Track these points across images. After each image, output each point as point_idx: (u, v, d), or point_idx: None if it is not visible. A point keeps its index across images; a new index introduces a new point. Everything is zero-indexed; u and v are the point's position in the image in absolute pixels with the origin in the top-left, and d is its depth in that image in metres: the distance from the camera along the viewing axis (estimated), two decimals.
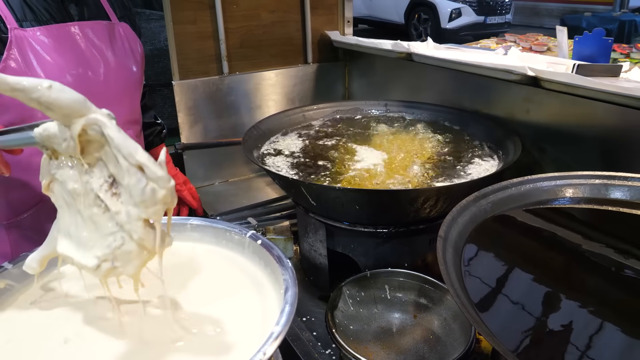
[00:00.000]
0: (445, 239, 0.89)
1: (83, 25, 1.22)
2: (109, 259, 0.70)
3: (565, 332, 0.75)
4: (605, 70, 1.42)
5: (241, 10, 2.03)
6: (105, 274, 0.71)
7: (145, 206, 0.65)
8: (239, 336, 0.75)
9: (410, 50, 1.85)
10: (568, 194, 1.09)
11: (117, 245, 0.69)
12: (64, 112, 0.65)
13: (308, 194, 1.24)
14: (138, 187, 0.64)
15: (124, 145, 0.65)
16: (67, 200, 0.73)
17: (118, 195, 0.69)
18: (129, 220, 0.67)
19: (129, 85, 1.34)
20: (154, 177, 0.64)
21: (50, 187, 0.74)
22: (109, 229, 0.70)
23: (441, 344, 1.12)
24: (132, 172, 0.65)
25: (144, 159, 0.64)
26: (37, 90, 0.63)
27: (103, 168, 0.69)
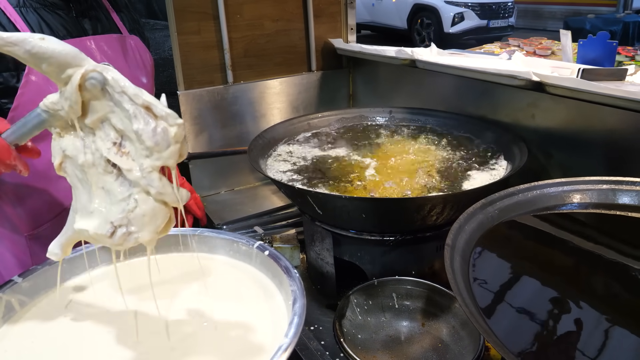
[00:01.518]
0: (453, 247, 0.89)
1: (98, 39, 1.25)
2: (124, 224, 0.69)
3: (575, 339, 0.74)
4: (611, 74, 1.42)
5: (245, 19, 2.04)
6: (121, 242, 0.70)
7: (159, 150, 0.65)
8: (249, 347, 0.75)
9: (414, 56, 1.85)
10: (575, 199, 1.08)
11: (130, 208, 0.68)
12: (59, 62, 0.64)
13: (314, 202, 1.24)
14: (148, 129, 0.64)
15: (130, 86, 0.65)
16: (80, 176, 0.73)
17: (128, 154, 0.68)
18: (143, 174, 0.66)
19: None
20: (163, 113, 0.64)
21: (62, 167, 0.74)
22: (122, 194, 0.69)
23: (450, 352, 1.11)
24: (140, 114, 0.64)
25: (150, 98, 0.64)
26: (29, 42, 0.63)
27: (108, 129, 0.68)
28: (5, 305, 0.84)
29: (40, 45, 0.63)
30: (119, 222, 0.69)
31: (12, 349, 0.77)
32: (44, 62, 0.64)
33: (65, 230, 0.79)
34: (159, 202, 0.68)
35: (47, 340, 0.80)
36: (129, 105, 0.64)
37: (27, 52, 0.63)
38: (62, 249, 0.80)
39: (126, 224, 0.69)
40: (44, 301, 0.88)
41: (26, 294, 0.87)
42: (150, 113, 0.64)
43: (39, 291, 0.89)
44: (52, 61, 0.64)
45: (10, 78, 1.10)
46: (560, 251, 1.00)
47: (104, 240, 0.71)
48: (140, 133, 0.64)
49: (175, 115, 0.65)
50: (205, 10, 1.94)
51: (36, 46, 0.63)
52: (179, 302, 0.86)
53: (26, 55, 0.64)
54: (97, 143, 0.69)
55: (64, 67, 0.64)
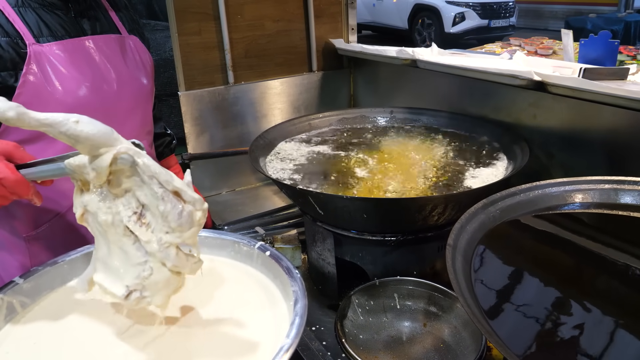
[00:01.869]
0: (455, 247, 0.89)
1: (96, 39, 1.25)
2: (138, 289, 0.72)
3: (577, 339, 0.74)
4: (612, 73, 1.41)
5: (245, 20, 2.04)
6: (135, 304, 0.73)
7: (182, 230, 0.68)
8: (250, 348, 0.75)
9: (415, 56, 1.85)
10: (577, 199, 1.08)
11: (145, 275, 0.71)
12: (92, 144, 0.66)
13: (315, 203, 1.24)
14: (174, 212, 0.67)
15: (161, 173, 0.68)
16: (100, 230, 0.76)
17: (148, 225, 0.71)
18: (160, 248, 0.69)
19: (141, 96, 1.36)
20: (191, 200, 0.68)
21: (84, 217, 0.77)
22: (138, 258, 0.72)
23: (452, 352, 1.11)
24: (168, 198, 0.67)
25: (180, 184, 0.68)
26: (64, 125, 0.64)
27: (131, 199, 0.71)
28: (7, 306, 0.84)
29: (75, 128, 0.65)
30: (134, 287, 0.72)
31: (14, 350, 0.77)
32: (79, 144, 0.66)
33: (89, 270, 0.82)
34: (174, 273, 0.71)
35: (49, 341, 0.80)
36: (158, 189, 0.67)
37: (62, 133, 0.65)
38: (88, 284, 0.83)
39: (140, 289, 0.72)
40: (45, 302, 0.88)
41: (27, 295, 0.87)
42: (178, 197, 0.68)
43: (40, 292, 0.89)
44: (86, 143, 0.66)
45: (8, 77, 1.10)
46: (562, 251, 1.00)
47: (118, 300, 0.74)
48: (166, 214, 0.68)
49: (201, 201, 0.69)
50: (206, 11, 1.94)
51: (71, 129, 0.65)
52: (179, 303, 0.86)
53: (61, 135, 0.65)
54: (119, 208, 0.72)
55: (97, 147, 0.67)
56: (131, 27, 1.40)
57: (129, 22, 1.40)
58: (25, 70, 1.11)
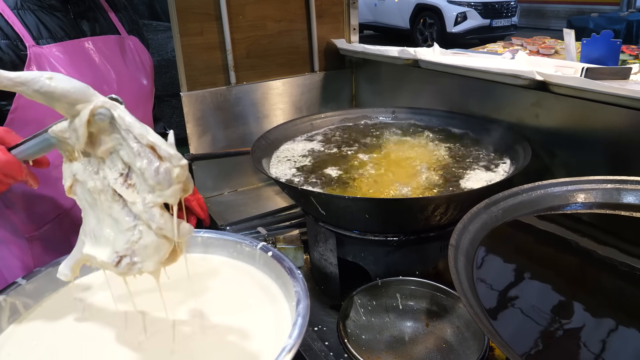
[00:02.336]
0: (457, 247, 0.88)
1: (96, 40, 1.25)
2: (128, 254, 0.70)
3: (580, 339, 0.74)
4: (615, 72, 1.41)
5: (247, 20, 2.04)
6: (125, 271, 0.70)
7: (161, 188, 0.65)
8: (253, 348, 0.75)
9: (416, 56, 1.85)
10: (580, 199, 1.08)
11: (134, 239, 0.69)
12: (68, 100, 0.65)
13: (317, 203, 1.24)
14: (151, 168, 0.64)
15: (136, 126, 0.65)
16: (89, 200, 0.74)
17: (133, 187, 0.68)
18: (145, 208, 0.67)
19: (141, 97, 1.36)
20: (166, 155, 0.64)
21: (72, 189, 0.75)
22: (127, 223, 0.69)
23: (454, 352, 1.11)
24: (144, 153, 0.65)
25: (155, 139, 0.65)
26: (37, 82, 0.63)
27: (116, 160, 0.69)
28: (9, 307, 0.84)
29: (48, 84, 0.64)
30: (124, 252, 0.70)
31: (16, 351, 0.78)
32: (54, 101, 0.65)
33: (75, 253, 0.80)
34: (161, 237, 0.69)
35: (51, 342, 0.80)
36: (134, 144, 0.65)
37: (36, 91, 0.64)
38: (71, 270, 0.81)
39: (130, 254, 0.70)
40: (47, 303, 0.88)
41: (30, 296, 0.87)
42: (154, 153, 0.65)
43: (42, 293, 0.89)
44: (62, 99, 0.65)
45: None
46: (564, 251, 1.00)
47: (110, 268, 0.72)
48: (143, 171, 0.65)
49: (179, 157, 0.65)
50: (208, 12, 1.94)
51: (44, 85, 0.64)
52: (181, 304, 0.86)
53: (35, 94, 0.64)
54: (105, 171, 0.70)
55: (73, 103, 0.65)
56: (130, 27, 1.40)
57: (128, 23, 1.40)
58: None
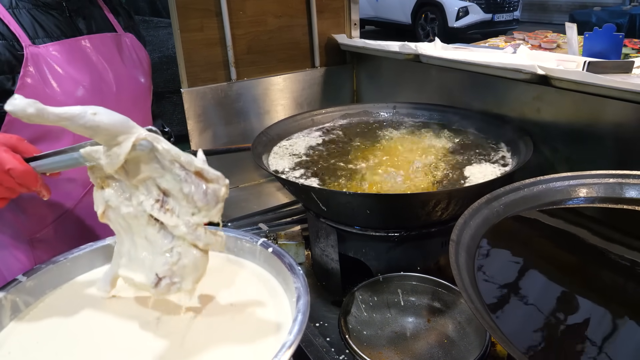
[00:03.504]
0: (458, 243, 0.88)
1: (93, 38, 1.24)
2: (168, 275, 0.73)
3: (581, 334, 0.73)
4: (617, 66, 1.40)
5: (248, 16, 2.04)
6: (165, 291, 0.74)
7: (208, 209, 0.70)
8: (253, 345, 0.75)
9: (417, 51, 1.84)
10: (582, 193, 1.07)
11: (173, 261, 0.73)
12: (110, 133, 0.68)
13: (318, 199, 1.24)
14: (199, 192, 0.69)
15: (181, 155, 0.70)
16: (123, 225, 0.77)
17: (171, 211, 0.72)
18: (189, 230, 0.71)
19: (139, 94, 1.35)
20: (214, 177, 0.70)
21: (106, 215, 0.79)
22: (165, 245, 0.73)
23: (456, 348, 1.11)
24: (191, 179, 0.69)
25: (201, 164, 0.70)
26: (83, 117, 0.66)
27: (151, 187, 0.73)
28: (10, 305, 0.84)
29: (93, 119, 0.66)
30: (164, 274, 0.74)
31: (17, 349, 0.78)
32: (97, 134, 0.67)
33: (112, 269, 0.83)
34: (203, 252, 0.73)
35: (52, 340, 0.80)
36: (180, 172, 0.69)
37: (81, 125, 0.66)
38: (111, 284, 0.85)
39: (170, 275, 0.74)
40: (48, 300, 0.88)
41: (31, 293, 0.87)
42: (201, 177, 0.70)
43: (43, 290, 0.89)
44: (105, 132, 0.67)
45: (5, 81, 1.09)
46: (566, 246, 0.99)
47: (147, 289, 0.76)
48: (192, 195, 0.69)
49: (222, 177, 0.71)
50: (208, 7, 1.94)
51: (89, 121, 0.66)
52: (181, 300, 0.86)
53: (80, 128, 0.67)
54: (140, 198, 0.74)
55: (115, 136, 0.68)
56: (126, 24, 1.39)
57: (124, 19, 1.39)
58: (23, 73, 1.10)
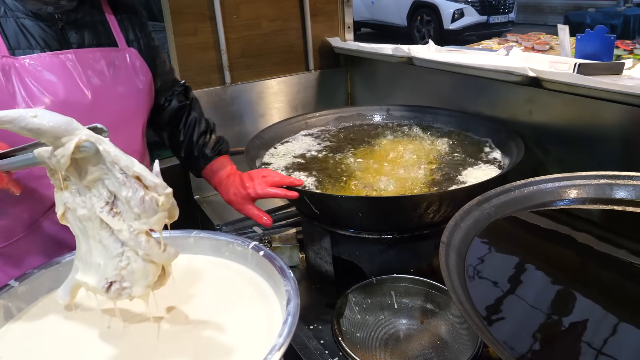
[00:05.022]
0: (448, 245, 0.89)
1: (79, 52, 1.18)
2: (118, 280, 0.72)
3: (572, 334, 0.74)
4: (607, 68, 1.41)
5: (241, 20, 2.05)
6: (115, 296, 0.73)
7: (147, 216, 0.69)
8: (244, 347, 0.76)
9: (410, 54, 1.85)
10: (572, 194, 1.08)
11: (123, 265, 0.72)
12: (53, 135, 0.67)
13: (311, 202, 1.24)
14: (136, 197, 0.68)
15: (121, 158, 0.68)
16: (80, 227, 0.76)
17: (119, 215, 0.71)
18: (131, 235, 0.70)
19: (125, 113, 1.26)
20: (152, 184, 0.68)
21: (65, 217, 0.78)
22: (116, 249, 0.72)
23: (448, 349, 1.11)
24: (130, 183, 0.68)
25: (140, 169, 0.68)
26: (23, 120, 0.65)
27: (102, 189, 0.72)
28: (3, 310, 0.84)
29: (33, 122, 0.66)
30: (113, 278, 0.73)
31: (9, 354, 0.78)
32: (40, 136, 0.67)
33: (71, 277, 0.82)
34: (148, 262, 0.72)
35: (44, 344, 0.80)
36: (119, 174, 0.68)
37: (23, 128, 0.66)
38: (69, 294, 0.83)
39: (119, 280, 0.73)
40: (41, 304, 0.88)
41: (23, 298, 0.87)
42: (140, 183, 0.68)
43: (35, 295, 0.89)
44: (47, 134, 0.67)
45: None
46: (556, 247, 1.00)
47: (101, 293, 0.75)
48: (129, 200, 0.68)
49: (164, 186, 0.69)
50: (202, 11, 1.94)
51: (30, 123, 0.66)
52: (174, 303, 0.87)
53: (22, 130, 0.66)
54: (92, 200, 0.73)
55: (58, 137, 0.67)
56: (135, 36, 1.30)
57: (132, 31, 1.30)
58: None
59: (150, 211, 0.68)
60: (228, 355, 0.74)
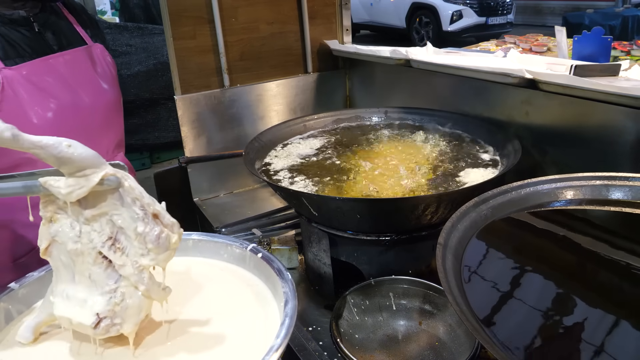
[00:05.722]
0: (445, 246, 0.89)
1: (65, 55, 1.21)
2: (109, 316, 0.73)
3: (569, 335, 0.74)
4: (604, 69, 1.42)
5: (240, 23, 2.05)
6: (103, 332, 0.73)
7: (157, 252, 0.71)
8: (242, 349, 0.76)
9: (408, 56, 1.86)
10: (569, 196, 1.09)
11: (116, 301, 0.72)
12: (80, 166, 0.68)
13: (309, 204, 1.25)
14: (153, 234, 0.70)
15: (145, 195, 0.71)
16: (65, 261, 0.76)
17: (122, 250, 0.72)
18: (135, 271, 0.71)
19: (112, 105, 1.31)
20: (170, 223, 0.71)
21: (48, 250, 0.77)
22: (108, 286, 0.73)
23: (447, 350, 1.12)
24: (148, 220, 0.70)
25: (160, 208, 0.71)
26: (57, 148, 0.66)
27: (105, 224, 0.72)
28: (4, 313, 0.84)
29: (66, 151, 0.67)
30: (105, 314, 0.73)
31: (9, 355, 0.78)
32: (66, 165, 0.68)
33: (40, 312, 0.81)
34: (145, 297, 0.73)
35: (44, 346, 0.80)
36: (139, 211, 0.71)
37: (53, 155, 0.66)
38: (33, 332, 0.81)
39: (111, 316, 0.73)
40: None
41: (23, 301, 0.88)
42: (157, 220, 0.71)
43: (35, 298, 0.89)
44: (74, 164, 0.68)
45: None
46: (553, 248, 1.01)
47: (85, 330, 0.74)
48: (145, 235, 0.70)
49: (178, 225, 0.72)
50: (200, 15, 1.95)
51: (62, 152, 0.66)
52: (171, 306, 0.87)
53: (50, 157, 0.67)
54: (92, 235, 0.73)
55: (83, 169, 0.69)
56: (94, 33, 1.35)
57: (91, 29, 1.36)
58: (1, 98, 1.07)
59: (162, 248, 0.71)
60: (225, 357, 0.75)
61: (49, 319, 0.80)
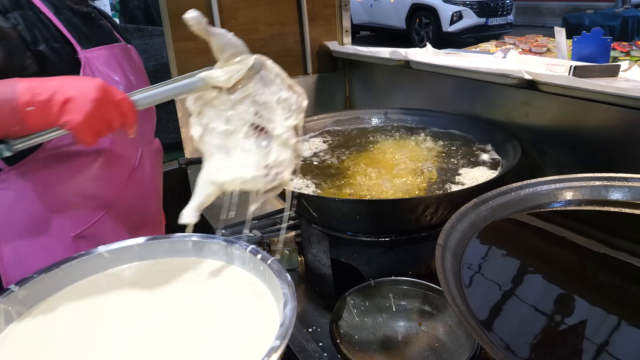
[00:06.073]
0: (444, 247, 0.89)
1: (118, 46, 1.29)
2: (275, 166, 0.90)
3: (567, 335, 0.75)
4: (603, 70, 1.42)
5: (240, 24, 2.06)
6: (271, 179, 0.90)
7: (299, 112, 0.90)
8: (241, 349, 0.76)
9: (408, 57, 1.86)
10: (568, 196, 1.09)
11: (275, 157, 0.90)
12: (237, 51, 0.87)
13: (309, 205, 1.25)
14: (293, 98, 0.90)
15: (282, 72, 0.91)
16: (218, 143, 0.92)
17: (268, 120, 0.90)
18: (284, 130, 0.89)
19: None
20: (300, 90, 0.92)
21: (202, 138, 0.93)
22: (261, 149, 0.90)
23: (447, 351, 1.12)
24: (287, 90, 0.90)
25: (292, 81, 0.92)
26: (225, 36, 0.86)
27: (248, 104, 0.90)
28: (4, 314, 0.85)
29: (231, 39, 0.87)
30: (272, 165, 0.90)
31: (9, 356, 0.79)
32: (228, 50, 0.87)
33: (199, 195, 0.94)
34: (292, 150, 0.90)
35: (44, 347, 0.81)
36: (281, 84, 0.90)
37: (224, 41, 0.85)
38: (198, 210, 0.94)
39: (276, 166, 0.90)
40: (40, 309, 0.89)
41: (23, 302, 0.88)
42: (292, 89, 0.90)
43: (36, 299, 0.90)
44: (233, 50, 0.87)
45: None
46: (553, 249, 1.01)
47: (255, 183, 0.91)
48: (288, 100, 0.89)
49: (305, 93, 0.92)
50: None
51: (231, 38, 0.86)
52: (171, 307, 0.87)
53: (218, 45, 0.86)
54: (241, 114, 0.90)
55: (237, 54, 0.87)
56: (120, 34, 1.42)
57: (117, 30, 1.41)
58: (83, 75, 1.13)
59: (300, 110, 0.89)
60: (225, 358, 0.75)
61: (207, 200, 0.93)
